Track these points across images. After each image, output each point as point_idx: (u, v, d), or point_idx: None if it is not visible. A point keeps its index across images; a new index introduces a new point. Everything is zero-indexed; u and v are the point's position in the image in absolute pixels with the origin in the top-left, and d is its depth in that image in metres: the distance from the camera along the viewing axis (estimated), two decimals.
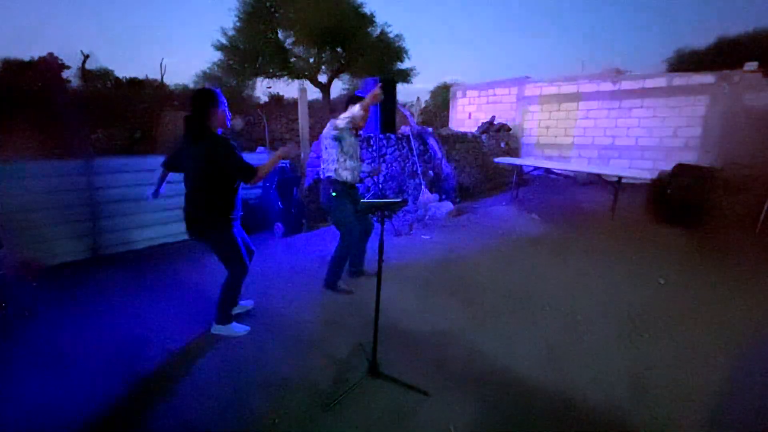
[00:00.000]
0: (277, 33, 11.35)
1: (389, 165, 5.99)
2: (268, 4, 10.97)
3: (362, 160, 3.10)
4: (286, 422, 1.76)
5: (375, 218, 3.33)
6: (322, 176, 3.02)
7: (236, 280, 2.42)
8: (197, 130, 2.16)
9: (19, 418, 1.77)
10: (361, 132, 3.08)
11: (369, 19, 11.67)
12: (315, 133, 6.49)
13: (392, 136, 6.13)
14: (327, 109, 10.67)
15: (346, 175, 2.91)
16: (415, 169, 6.08)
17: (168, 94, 10.55)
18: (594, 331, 2.54)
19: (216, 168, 2.15)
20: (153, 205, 4.10)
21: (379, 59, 11.51)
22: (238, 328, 2.49)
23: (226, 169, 2.17)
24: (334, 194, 2.91)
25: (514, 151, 8.89)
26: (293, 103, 10.57)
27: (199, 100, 2.16)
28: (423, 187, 5.90)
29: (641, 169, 7.21)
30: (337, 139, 2.85)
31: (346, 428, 1.73)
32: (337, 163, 2.90)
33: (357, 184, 3.12)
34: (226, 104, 2.24)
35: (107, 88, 9.70)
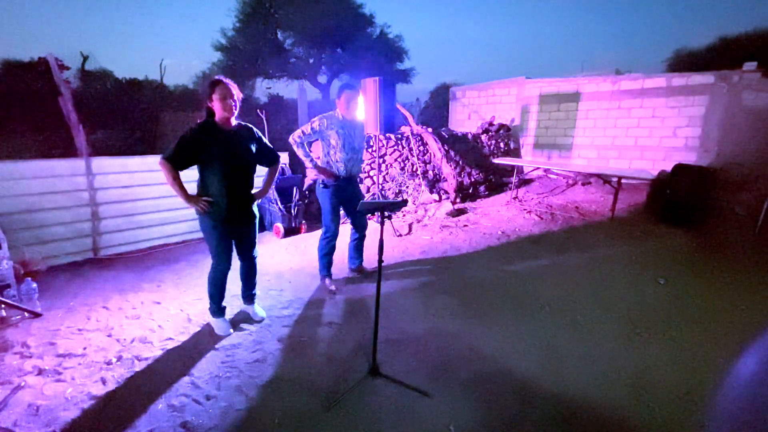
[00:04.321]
0: (276, 33, 11.36)
1: (389, 165, 6.00)
2: (267, 4, 10.97)
3: (357, 151, 3.03)
4: (287, 422, 1.76)
5: (375, 219, 3.33)
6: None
7: (212, 273, 2.42)
8: None
9: (19, 419, 1.77)
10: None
11: (369, 20, 11.68)
12: None
13: (392, 136, 6.13)
14: (327, 109, 10.66)
15: (338, 167, 2.94)
16: (415, 169, 6.08)
17: (168, 95, 10.53)
18: (594, 331, 2.54)
19: None
20: (153, 205, 4.12)
21: (379, 60, 11.52)
22: (219, 326, 2.50)
23: None
24: (322, 186, 2.96)
25: (513, 151, 8.89)
26: (293, 104, 10.57)
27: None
28: (423, 187, 5.90)
29: (641, 169, 7.21)
30: (320, 135, 2.92)
31: (346, 428, 1.73)
32: (326, 155, 2.95)
33: (355, 176, 3.10)
34: (220, 95, 2.13)
35: (107, 89, 9.67)
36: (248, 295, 2.68)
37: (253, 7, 10.95)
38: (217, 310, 2.51)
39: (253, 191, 2.45)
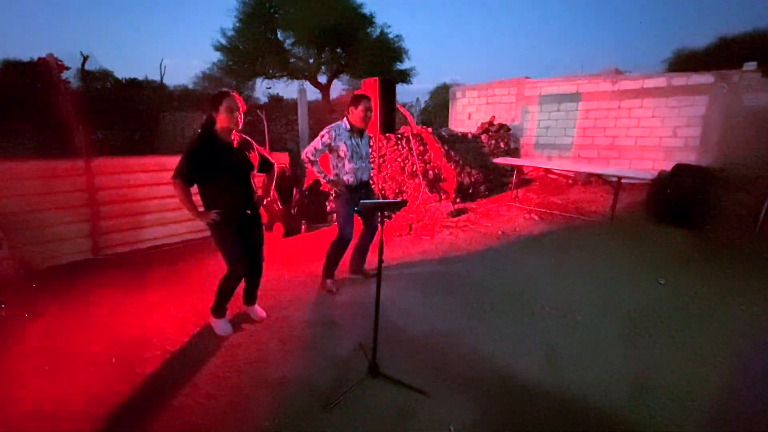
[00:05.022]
0: (276, 34, 11.37)
1: (389, 165, 6.00)
2: (267, 5, 10.98)
3: (365, 159, 3.06)
4: (286, 422, 1.76)
5: (375, 219, 3.33)
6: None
7: (225, 280, 2.42)
8: None
9: (19, 419, 1.77)
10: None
11: (368, 20, 11.68)
12: (314, 134, 6.50)
13: (392, 137, 6.13)
14: (327, 109, 10.68)
15: (348, 178, 2.96)
16: (415, 169, 6.08)
17: (168, 95, 10.54)
18: (594, 331, 2.54)
19: None
20: (153, 205, 4.12)
21: (379, 60, 11.52)
22: (219, 327, 2.50)
23: None
24: (334, 195, 3.01)
25: (513, 151, 8.89)
26: (293, 104, 10.58)
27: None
28: (423, 187, 5.90)
29: (641, 169, 7.21)
30: (330, 148, 2.94)
31: (346, 428, 1.73)
32: (336, 167, 2.98)
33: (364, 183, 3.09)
34: (227, 107, 2.14)
35: (107, 89, 9.68)
36: (250, 296, 2.69)
37: (253, 7, 10.96)
38: (221, 311, 2.51)
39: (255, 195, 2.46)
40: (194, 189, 2.24)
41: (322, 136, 2.90)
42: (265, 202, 2.59)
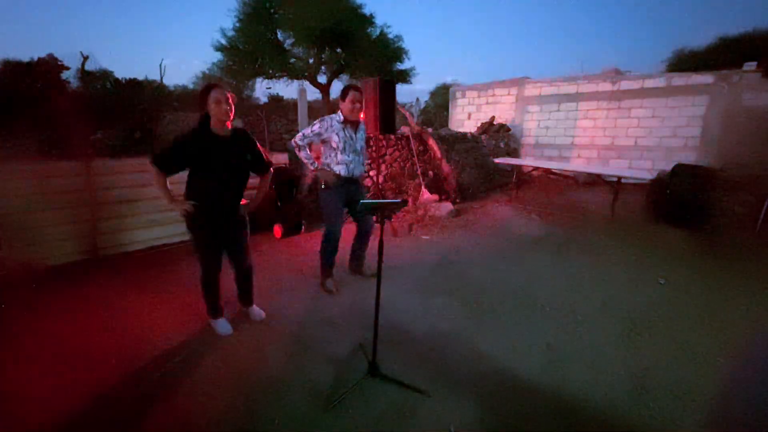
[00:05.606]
0: (276, 34, 11.36)
1: (389, 165, 6.00)
2: (267, 5, 10.97)
3: (359, 153, 3.05)
4: (286, 422, 1.76)
5: (375, 219, 3.33)
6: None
7: (202, 278, 2.40)
8: None
9: (18, 419, 1.77)
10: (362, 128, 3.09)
11: (368, 20, 11.67)
12: None
13: (392, 137, 6.13)
14: (326, 109, 10.68)
15: (339, 169, 2.95)
16: (415, 169, 6.08)
17: (167, 95, 10.55)
18: (594, 331, 2.54)
19: None
20: (153, 205, 4.12)
21: (379, 60, 11.51)
22: (219, 327, 2.49)
23: None
24: (322, 186, 2.97)
25: (513, 152, 8.89)
26: (293, 104, 10.59)
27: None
28: (423, 187, 5.90)
29: (641, 169, 7.22)
30: (321, 138, 2.93)
31: (346, 428, 1.73)
32: (328, 158, 2.97)
33: (357, 178, 3.08)
34: (215, 100, 2.10)
35: (107, 89, 9.68)
36: (245, 298, 2.68)
37: (253, 7, 10.95)
38: (215, 311, 2.51)
39: (244, 200, 2.43)
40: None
41: (314, 125, 2.92)
42: (250, 210, 2.48)
